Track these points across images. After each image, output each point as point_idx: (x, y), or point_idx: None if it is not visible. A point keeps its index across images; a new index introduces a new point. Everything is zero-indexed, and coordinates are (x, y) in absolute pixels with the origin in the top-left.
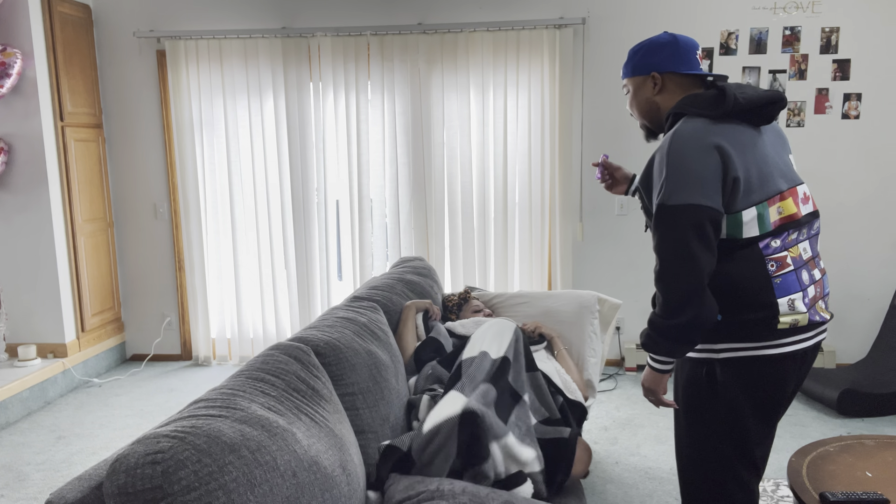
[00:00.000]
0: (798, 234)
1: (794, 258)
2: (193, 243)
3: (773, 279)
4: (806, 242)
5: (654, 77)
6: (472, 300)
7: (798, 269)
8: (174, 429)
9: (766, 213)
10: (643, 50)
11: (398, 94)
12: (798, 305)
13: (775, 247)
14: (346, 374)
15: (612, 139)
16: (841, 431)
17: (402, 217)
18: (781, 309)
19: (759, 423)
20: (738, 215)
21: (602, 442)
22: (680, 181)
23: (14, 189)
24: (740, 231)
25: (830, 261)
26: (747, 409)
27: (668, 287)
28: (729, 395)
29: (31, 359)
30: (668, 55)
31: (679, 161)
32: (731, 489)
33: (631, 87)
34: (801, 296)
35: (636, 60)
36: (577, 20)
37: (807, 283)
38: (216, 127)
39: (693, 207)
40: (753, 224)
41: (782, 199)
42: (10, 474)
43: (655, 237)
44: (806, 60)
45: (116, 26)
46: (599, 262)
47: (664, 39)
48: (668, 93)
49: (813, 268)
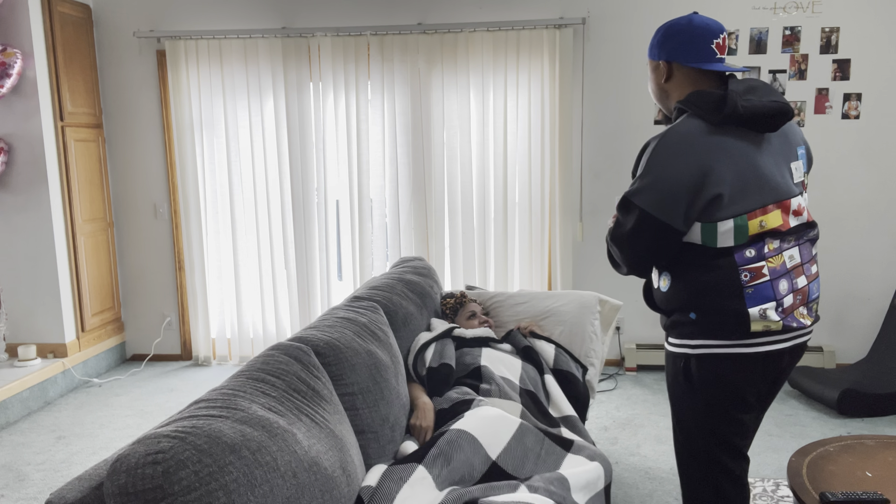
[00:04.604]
0: (782, 244)
1: (773, 268)
2: (193, 243)
3: (745, 289)
4: (794, 249)
5: (661, 65)
6: (469, 303)
7: (775, 279)
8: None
9: (745, 226)
10: (661, 32)
11: (398, 94)
12: (770, 315)
13: (750, 257)
14: (346, 374)
15: (612, 139)
16: (841, 431)
17: (402, 217)
18: (752, 317)
19: (737, 416)
20: (713, 225)
21: (602, 442)
22: (650, 186)
23: (14, 189)
24: (715, 241)
25: (830, 261)
26: (723, 403)
27: (612, 252)
28: (704, 388)
29: (31, 359)
30: (678, 44)
31: (659, 165)
32: (719, 479)
33: (649, 69)
34: (775, 305)
35: (653, 42)
36: (577, 20)
37: (784, 292)
38: (216, 127)
39: (649, 217)
40: (729, 235)
41: (765, 213)
42: (10, 474)
43: (615, 217)
44: (806, 60)
45: (116, 26)
46: (599, 262)
47: (681, 24)
48: (675, 82)
49: (798, 275)
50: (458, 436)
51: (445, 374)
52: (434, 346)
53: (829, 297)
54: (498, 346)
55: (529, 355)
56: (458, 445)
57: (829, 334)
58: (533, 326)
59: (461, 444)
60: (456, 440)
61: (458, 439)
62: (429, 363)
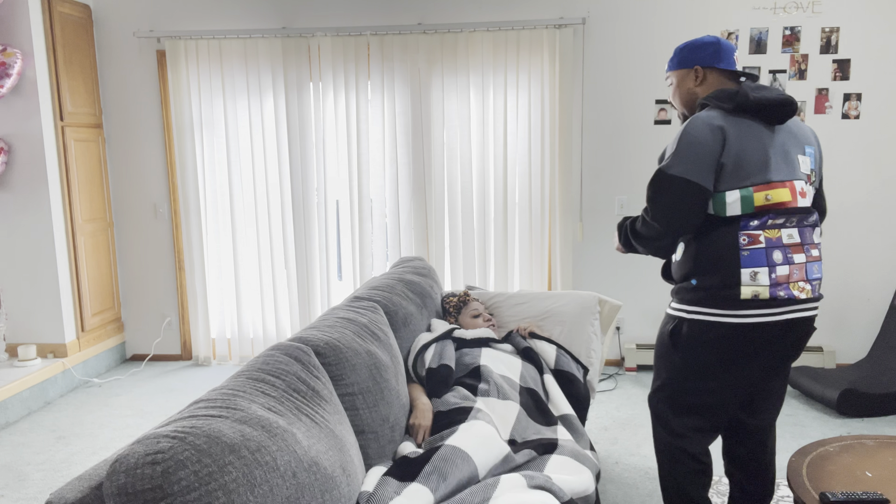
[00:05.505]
0: (785, 221)
1: (770, 238)
2: (193, 243)
3: (741, 251)
4: (794, 230)
5: (697, 70)
6: (472, 302)
7: (771, 248)
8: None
9: (751, 197)
10: (689, 47)
11: (398, 94)
12: (761, 278)
13: (753, 225)
14: (346, 374)
15: (612, 139)
16: (841, 431)
17: (402, 217)
18: (743, 278)
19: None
20: (722, 195)
21: (602, 442)
22: (683, 157)
23: (14, 189)
24: (724, 210)
25: (830, 261)
26: (697, 363)
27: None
28: (687, 348)
29: (31, 359)
30: (711, 52)
31: (688, 139)
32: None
33: (675, 80)
34: (768, 271)
35: (682, 55)
36: (577, 20)
37: (778, 261)
38: (216, 127)
39: (685, 182)
40: (737, 205)
41: (771, 188)
42: (10, 474)
43: (649, 194)
44: (806, 60)
45: (116, 26)
46: (599, 262)
47: (709, 40)
48: (706, 85)
49: (796, 252)
50: (452, 452)
51: (445, 374)
52: (434, 347)
53: (830, 296)
54: (498, 345)
55: (529, 355)
56: (452, 462)
57: (829, 334)
58: (533, 327)
59: (455, 461)
60: (451, 457)
61: (453, 456)
62: (428, 364)
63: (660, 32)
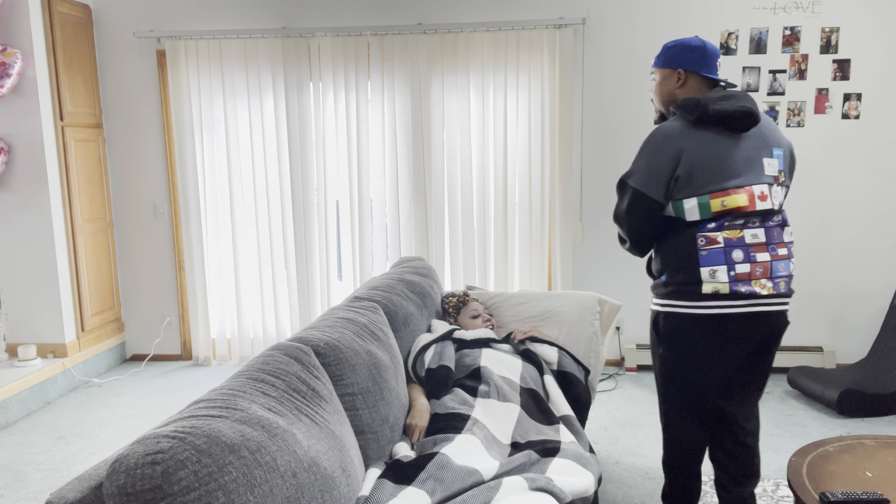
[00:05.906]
0: (746, 222)
1: (730, 239)
2: (193, 243)
3: (700, 251)
4: (759, 230)
5: (680, 73)
6: (472, 302)
7: (730, 248)
8: (174, 429)
9: (708, 204)
10: (677, 47)
11: (398, 95)
12: (720, 276)
13: (710, 227)
14: (346, 374)
15: (612, 139)
16: (841, 431)
17: (402, 217)
18: (703, 276)
19: (684, 366)
20: (680, 202)
21: (602, 442)
22: (640, 168)
23: (14, 189)
24: (684, 214)
25: (831, 261)
26: (679, 355)
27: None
28: (666, 340)
29: (31, 359)
30: (696, 57)
31: (648, 153)
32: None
33: (658, 77)
34: (726, 268)
35: (669, 55)
36: (577, 20)
37: (738, 260)
38: (216, 127)
39: (639, 194)
40: (695, 211)
41: (727, 195)
42: (10, 474)
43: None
44: (806, 60)
45: (116, 26)
46: (599, 262)
47: (696, 43)
48: (686, 89)
49: (760, 251)
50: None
51: (444, 375)
52: (434, 348)
53: (829, 297)
54: (498, 346)
55: (529, 356)
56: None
57: (829, 334)
58: (533, 332)
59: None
60: (446, 465)
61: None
62: (428, 364)
63: (660, 32)
